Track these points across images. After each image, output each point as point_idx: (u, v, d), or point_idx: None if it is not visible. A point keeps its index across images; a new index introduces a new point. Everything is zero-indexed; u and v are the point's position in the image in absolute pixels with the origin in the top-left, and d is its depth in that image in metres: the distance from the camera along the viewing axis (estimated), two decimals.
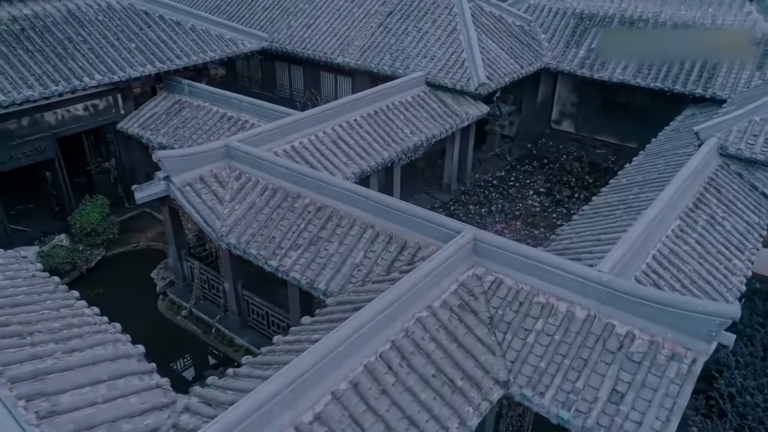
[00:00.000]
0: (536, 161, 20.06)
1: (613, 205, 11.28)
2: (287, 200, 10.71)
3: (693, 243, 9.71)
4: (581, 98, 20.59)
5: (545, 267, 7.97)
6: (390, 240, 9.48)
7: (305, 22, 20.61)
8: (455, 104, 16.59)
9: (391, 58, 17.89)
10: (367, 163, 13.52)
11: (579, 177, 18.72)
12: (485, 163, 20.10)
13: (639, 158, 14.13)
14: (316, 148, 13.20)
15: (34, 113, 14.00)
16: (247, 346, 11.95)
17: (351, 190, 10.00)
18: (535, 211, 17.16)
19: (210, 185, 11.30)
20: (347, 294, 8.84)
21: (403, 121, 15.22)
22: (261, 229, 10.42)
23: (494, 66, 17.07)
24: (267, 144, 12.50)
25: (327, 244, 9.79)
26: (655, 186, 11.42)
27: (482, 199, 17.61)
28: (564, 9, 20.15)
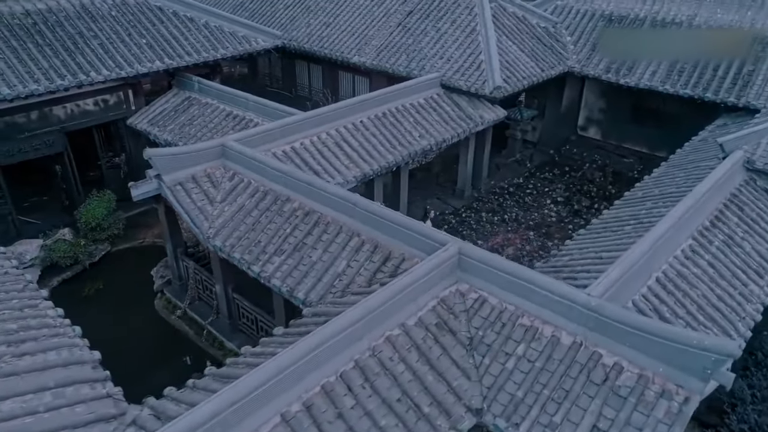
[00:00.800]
0: (557, 169, 19.24)
1: (623, 220, 10.54)
2: (276, 203, 10.38)
3: (704, 265, 8.92)
4: (609, 104, 19.67)
5: (531, 287, 7.38)
6: (375, 249, 9.03)
7: (324, 21, 20.31)
8: (470, 108, 15.98)
9: (407, 59, 17.40)
10: (370, 166, 13.08)
11: (601, 187, 17.84)
12: (503, 169, 19.40)
13: (660, 170, 13.27)
14: (318, 150, 12.84)
15: (43, 107, 14.08)
16: (236, 351, 11.63)
17: (339, 196, 9.59)
18: (550, 221, 16.40)
19: (202, 185, 11.06)
20: (325, 305, 8.42)
21: (412, 123, 14.72)
22: (248, 233, 10.11)
23: (512, 69, 16.39)
24: (266, 144, 12.21)
25: (311, 250, 9.40)
26: (670, 201, 10.62)
27: (496, 207, 16.95)
28: (592, 10, 19.27)
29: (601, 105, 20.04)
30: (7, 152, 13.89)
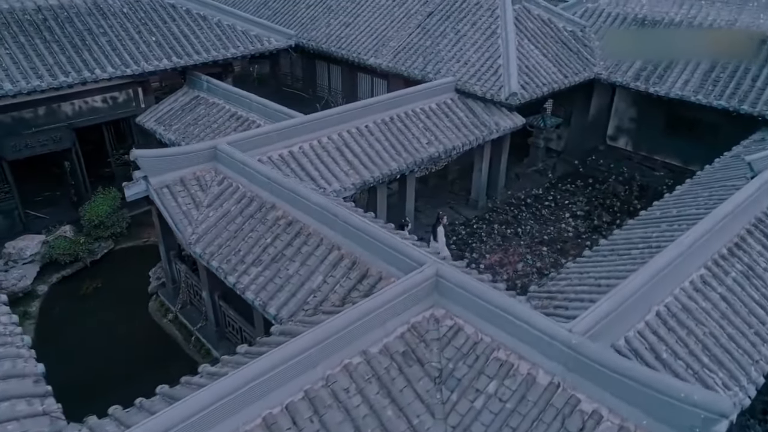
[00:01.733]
0: (581, 180, 18.25)
1: (632, 243, 9.68)
2: (261, 211, 9.94)
3: (716, 298, 8.02)
4: (641, 113, 18.58)
5: (509, 317, 6.69)
6: (353, 266, 8.48)
7: (344, 21, 19.86)
8: (485, 114, 15.24)
9: (423, 62, 16.77)
10: (371, 173, 12.53)
11: (626, 201, 16.79)
12: (523, 179, 18.53)
13: (683, 187, 12.27)
14: (317, 155, 12.37)
15: (51, 103, 14.08)
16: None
17: (321, 206, 9.07)
18: (567, 236, 15.49)
19: (189, 188, 10.73)
20: (294, 323, 7.92)
21: (421, 130, 14.09)
22: (229, 240, 9.71)
23: (532, 74, 15.56)
24: (262, 147, 11.81)
25: (289, 263, 8.92)
26: (687, 223, 9.68)
27: (510, 219, 16.13)
28: (624, 14, 18.20)
29: (632, 114, 18.97)
30: (14, 147, 13.95)
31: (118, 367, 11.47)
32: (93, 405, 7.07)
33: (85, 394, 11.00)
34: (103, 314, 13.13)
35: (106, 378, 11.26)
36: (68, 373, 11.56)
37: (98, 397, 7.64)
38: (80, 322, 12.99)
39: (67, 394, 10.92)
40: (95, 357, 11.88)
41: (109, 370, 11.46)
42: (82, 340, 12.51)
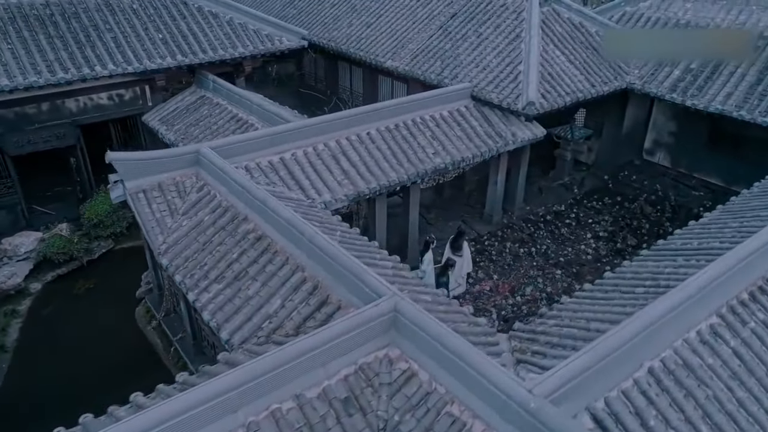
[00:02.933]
0: (609, 197, 16.91)
1: (640, 279, 8.53)
2: (233, 222, 9.31)
3: (727, 354, 6.84)
4: (682, 126, 17.05)
5: (465, 367, 5.79)
6: (314, 290, 7.72)
7: (366, 21, 19.14)
8: (502, 123, 14.20)
9: (441, 66, 15.85)
10: (367, 184, 11.74)
11: (656, 223, 15.39)
12: (546, 193, 17.33)
13: (713, 214, 10.92)
14: (310, 162, 11.68)
15: (55, 99, 13.93)
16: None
17: (288, 222, 8.35)
18: (585, 259, 14.27)
19: (167, 194, 10.22)
20: (242, 351, 7.23)
21: (428, 139, 13.19)
22: (197, 253, 9.12)
23: (555, 82, 14.40)
24: (251, 153, 11.21)
25: (251, 282, 8.24)
26: (707, 258, 8.46)
27: (525, 237, 15.02)
28: (666, 18, 16.74)
29: (672, 127, 17.45)
30: (17, 143, 13.86)
31: (92, 374, 11.12)
32: (62, 413, 6.66)
33: (54, 401, 10.70)
34: (90, 316, 12.87)
35: (78, 385, 10.94)
36: (42, 378, 11.33)
37: (67, 405, 7.13)
38: (66, 324, 12.75)
39: (36, 399, 10.78)
40: (72, 362, 11.58)
41: (83, 376, 11.13)
42: (65, 343, 12.25)
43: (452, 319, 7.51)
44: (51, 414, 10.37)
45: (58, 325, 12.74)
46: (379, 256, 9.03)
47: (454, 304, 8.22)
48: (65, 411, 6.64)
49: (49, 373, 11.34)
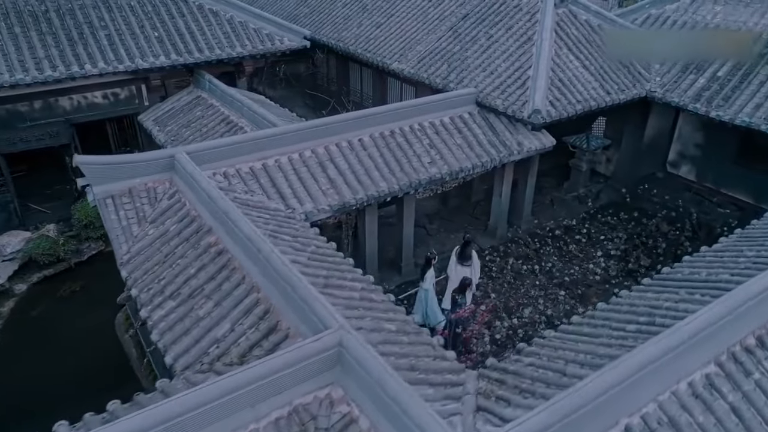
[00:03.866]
0: (625, 212, 15.84)
1: (636, 313, 7.62)
2: (197, 234, 8.75)
3: (722, 411, 5.91)
4: (710, 138, 15.88)
5: (404, 419, 5.06)
6: (265, 315, 7.08)
7: (377, 21, 18.47)
8: (507, 132, 13.34)
9: (447, 69, 15.06)
10: (354, 194, 11.06)
11: (673, 242, 14.28)
12: (558, 206, 16.35)
13: (729, 240, 9.89)
14: (294, 169, 11.07)
15: (47, 97, 13.69)
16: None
17: (247, 237, 7.73)
18: (593, 280, 13.29)
19: (137, 201, 9.74)
20: (182, 379, 6.65)
21: (425, 146, 12.43)
22: (158, 265, 8.59)
23: (566, 89, 13.46)
24: (231, 159, 10.65)
25: (205, 301, 7.65)
26: (712, 293, 7.52)
27: (530, 253, 14.11)
28: (693, 22, 15.58)
29: (698, 139, 16.29)
30: (8, 140, 13.67)
31: (62, 382, 10.77)
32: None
33: (16, 410, 10.38)
34: (71, 321, 12.54)
35: (44, 393, 10.58)
36: (11, 384, 11.03)
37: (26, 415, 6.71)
38: (46, 328, 12.45)
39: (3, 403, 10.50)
40: (44, 368, 11.24)
41: (52, 384, 10.77)
42: (41, 347, 11.95)
43: (415, 353, 6.78)
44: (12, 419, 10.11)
45: (38, 329, 12.45)
46: (350, 276, 8.35)
47: (423, 334, 7.48)
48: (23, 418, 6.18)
49: (21, 377, 11.03)
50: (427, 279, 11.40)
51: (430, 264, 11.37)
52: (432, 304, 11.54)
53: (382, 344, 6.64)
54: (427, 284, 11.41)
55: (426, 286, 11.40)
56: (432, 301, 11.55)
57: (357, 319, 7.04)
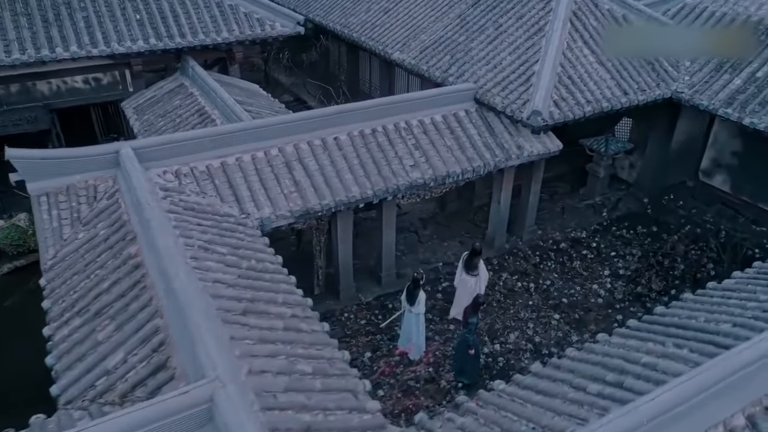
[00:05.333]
0: (643, 225, 14.23)
1: (607, 366, 6.30)
2: (123, 241, 7.89)
3: None
4: (749, 145, 13.99)
5: None
6: (160, 347, 6.13)
7: (385, 6, 17.22)
8: (507, 134, 11.99)
9: (449, 61, 13.73)
10: (321, 199, 10.02)
11: (694, 264, 12.62)
12: (570, 215, 14.86)
13: (745, 274, 8.37)
14: (256, 169, 10.10)
15: (24, 80, 13.11)
16: None
17: (159, 251, 6.80)
18: (594, 303, 11.85)
19: (74, 199, 8.97)
20: (60, 415, 5.80)
21: (410, 147, 11.24)
22: (76, 275, 7.77)
23: (576, 87, 11.98)
24: (187, 156, 9.79)
25: (108, 323, 6.78)
26: (702, 350, 6.17)
27: (529, 268, 12.75)
28: (734, 14, 13.70)
29: (736, 146, 14.45)
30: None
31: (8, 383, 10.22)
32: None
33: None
34: (32, 316, 11.90)
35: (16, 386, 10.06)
36: None
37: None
38: (6, 323, 11.96)
39: None
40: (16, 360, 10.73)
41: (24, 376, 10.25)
42: (12, 339, 11.47)
43: (325, 405, 5.71)
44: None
45: (10, 320, 11.97)
46: (282, 299, 7.34)
47: (349, 377, 6.40)
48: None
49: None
50: (420, 302, 10.20)
51: (419, 285, 10.18)
52: (422, 329, 10.43)
53: (283, 393, 5.61)
54: (420, 308, 10.23)
55: (418, 310, 10.23)
56: (422, 326, 10.42)
57: (265, 357, 6.03)
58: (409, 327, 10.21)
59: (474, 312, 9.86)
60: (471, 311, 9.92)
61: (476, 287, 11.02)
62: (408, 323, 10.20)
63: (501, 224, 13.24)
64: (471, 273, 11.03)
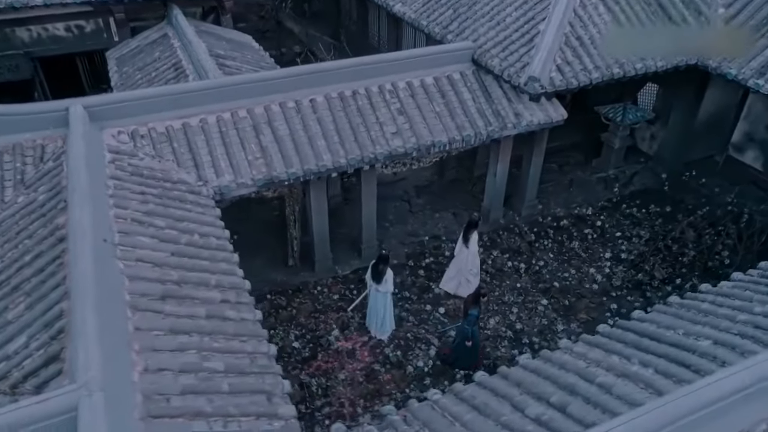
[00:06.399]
0: (657, 203, 13.05)
1: (560, 382, 5.52)
2: (54, 210, 7.36)
3: None
4: None
5: None
6: (58, 334, 5.57)
7: None
8: (505, 99, 10.90)
9: (451, 16, 12.52)
10: (288, 167, 9.28)
11: (707, 251, 11.49)
12: (578, 189, 13.74)
13: (751, 274, 7.34)
14: (221, 132, 9.39)
15: (2, 27, 12.57)
16: None
17: (74, 224, 6.23)
18: (588, 289, 10.93)
19: (20, 160, 8.45)
20: None
21: (393, 113, 10.31)
22: (7, 243, 7.30)
23: (585, 50, 10.72)
24: (146, 115, 9.14)
25: (22, 300, 6.26)
26: (669, 372, 5.33)
27: (522, 246, 11.85)
28: None
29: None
30: None
31: None
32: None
33: None
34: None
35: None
36: None
37: None
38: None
39: None
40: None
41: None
42: None
43: (228, 411, 5.14)
44: None
45: None
46: (215, 282, 6.73)
47: (268, 376, 5.80)
48: None
49: None
50: (388, 280, 9.50)
51: (387, 262, 9.46)
52: (391, 308, 9.79)
53: (180, 396, 5.06)
54: (388, 286, 9.54)
55: (386, 289, 9.54)
56: (391, 305, 9.78)
57: (171, 352, 5.46)
58: (376, 306, 9.56)
59: (475, 303, 9.23)
60: (472, 302, 9.28)
61: (467, 262, 10.31)
62: (375, 302, 9.55)
63: (497, 198, 12.28)
64: (466, 245, 10.32)
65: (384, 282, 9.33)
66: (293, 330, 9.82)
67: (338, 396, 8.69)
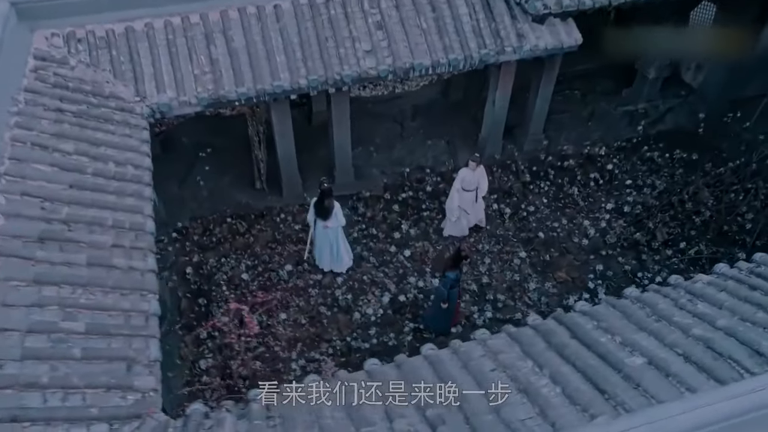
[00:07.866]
0: (684, 149, 11.38)
1: (484, 380, 4.76)
2: None
3: None
4: None
5: None
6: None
7: None
8: (509, 17, 9.23)
9: None
10: (237, 86, 8.28)
11: (726, 212, 9.98)
12: (596, 123, 12.13)
13: (740, 269, 6.12)
14: (167, 40, 8.36)
15: None
16: None
17: None
18: (575, 244, 9.80)
19: None
20: None
21: (370, 26, 8.90)
22: None
23: None
24: (85, 16, 8.17)
25: None
26: (600, 391, 4.47)
27: (515, 187, 10.66)
28: None
29: None
30: None
31: None
32: None
33: None
34: None
35: None
36: None
37: None
38: None
39: None
40: None
41: None
42: None
43: (66, 382, 4.68)
44: None
45: None
46: (112, 221, 6.10)
47: (148, 333, 5.28)
48: None
49: None
50: (337, 214, 8.72)
51: (330, 195, 8.63)
52: (344, 240, 9.10)
53: (17, 362, 4.62)
54: (339, 219, 8.78)
55: (337, 223, 8.78)
56: (343, 238, 9.08)
57: (24, 308, 4.97)
58: (328, 241, 8.85)
59: (455, 265, 8.10)
60: (451, 264, 8.20)
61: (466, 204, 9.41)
62: (325, 239, 8.83)
63: (496, 129, 10.94)
64: (466, 189, 9.36)
65: (333, 216, 8.56)
66: (246, 260, 9.31)
67: (275, 336, 8.28)
